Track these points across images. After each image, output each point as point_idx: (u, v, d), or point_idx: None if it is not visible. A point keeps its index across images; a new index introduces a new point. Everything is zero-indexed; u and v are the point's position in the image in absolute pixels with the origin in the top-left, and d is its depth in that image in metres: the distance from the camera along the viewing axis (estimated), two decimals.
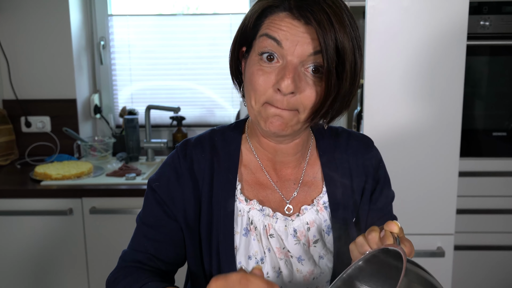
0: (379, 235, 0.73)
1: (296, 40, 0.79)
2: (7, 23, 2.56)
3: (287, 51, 0.80)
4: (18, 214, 2.14)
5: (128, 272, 0.93)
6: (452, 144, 1.69)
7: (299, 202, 0.95)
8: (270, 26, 0.81)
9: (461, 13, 1.60)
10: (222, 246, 0.91)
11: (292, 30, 0.80)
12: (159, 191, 0.95)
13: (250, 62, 0.85)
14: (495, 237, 2.25)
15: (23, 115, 2.65)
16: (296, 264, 0.93)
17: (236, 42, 0.90)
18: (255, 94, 0.83)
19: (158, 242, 0.95)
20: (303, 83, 0.81)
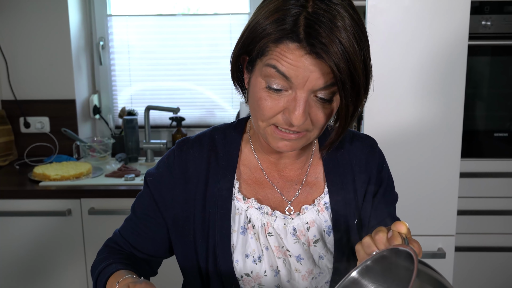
0: (387, 236, 0.72)
1: (307, 75, 0.76)
2: (6, 23, 2.56)
3: (297, 86, 0.77)
4: (17, 215, 2.13)
5: (108, 250, 1.01)
6: (453, 145, 1.68)
7: (300, 202, 0.94)
8: (279, 58, 0.76)
9: (462, 13, 1.59)
10: (219, 244, 0.91)
11: (302, 65, 0.75)
12: (151, 187, 0.97)
13: (256, 83, 0.82)
14: (496, 239, 2.24)
15: (22, 116, 2.64)
16: (295, 264, 0.92)
17: (239, 49, 0.86)
18: (263, 116, 0.82)
19: (139, 231, 0.99)
20: (312, 109, 0.80)
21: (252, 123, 0.97)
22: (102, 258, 0.97)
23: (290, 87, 0.78)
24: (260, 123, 0.83)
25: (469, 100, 2.19)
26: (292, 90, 0.78)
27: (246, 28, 0.83)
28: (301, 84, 0.77)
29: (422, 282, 0.59)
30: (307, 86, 0.77)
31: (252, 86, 0.83)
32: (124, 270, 0.90)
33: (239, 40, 0.86)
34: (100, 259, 0.98)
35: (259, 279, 0.92)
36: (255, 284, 0.92)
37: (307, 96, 0.78)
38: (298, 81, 0.76)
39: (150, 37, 2.82)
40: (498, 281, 2.30)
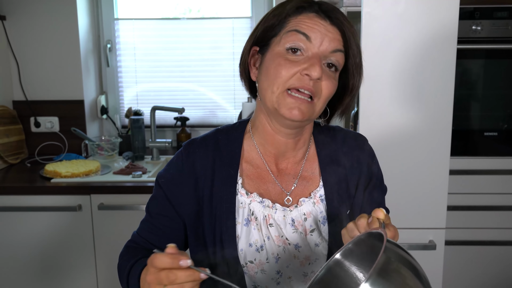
0: (367, 221, 0.82)
1: (323, 37, 0.92)
2: (18, 27, 2.66)
3: (315, 46, 0.92)
4: (29, 210, 2.23)
5: (131, 250, 1.07)
6: (443, 143, 1.77)
7: (298, 195, 1.04)
8: (300, 23, 0.93)
9: (451, 19, 1.69)
10: (225, 235, 1.00)
11: (320, 27, 0.92)
12: (164, 187, 1.05)
13: (274, 56, 0.95)
14: (486, 233, 2.34)
15: (33, 116, 2.74)
16: (294, 251, 1.02)
17: (253, 41, 1.00)
18: (280, 80, 0.93)
19: (157, 234, 1.06)
20: (324, 75, 0.93)
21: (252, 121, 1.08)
22: (130, 257, 1.02)
23: (308, 49, 0.92)
24: (275, 89, 0.93)
25: (461, 101, 2.29)
26: (309, 52, 0.92)
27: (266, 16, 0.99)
28: (318, 44, 0.92)
29: (390, 258, 0.68)
30: (322, 47, 0.92)
31: (267, 61, 0.96)
32: None
33: (253, 32, 1.00)
34: (127, 258, 1.03)
35: (261, 266, 1.01)
36: (258, 270, 1.01)
37: (321, 57, 0.92)
38: (316, 40, 0.92)
39: (155, 40, 2.92)
40: (488, 273, 2.40)
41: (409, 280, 0.68)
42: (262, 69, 0.97)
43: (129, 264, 0.98)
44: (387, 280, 0.65)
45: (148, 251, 1.05)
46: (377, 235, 0.77)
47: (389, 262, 0.68)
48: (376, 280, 0.65)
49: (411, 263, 0.71)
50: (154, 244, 1.07)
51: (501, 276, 2.39)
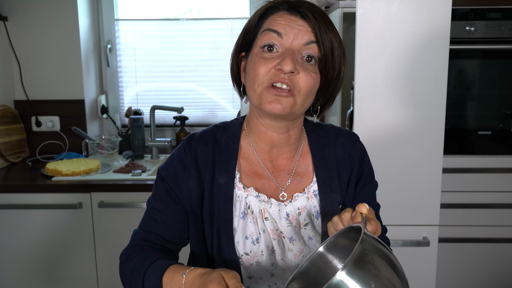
0: (351, 215, 0.86)
1: (294, 31, 0.95)
2: (19, 27, 2.69)
3: (286, 41, 0.95)
4: (31, 208, 2.27)
5: (139, 250, 1.04)
6: (436, 142, 1.81)
7: (292, 190, 1.08)
8: (271, 22, 0.97)
9: (444, 20, 1.73)
10: (223, 227, 1.03)
11: (290, 23, 0.96)
12: (167, 179, 1.07)
13: (252, 57, 0.99)
14: (480, 230, 2.37)
15: (34, 115, 2.78)
16: (288, 244, 1.05)
17: (238, 47, 1.05)
18: (258, 78, 0.96)
19: (165, 225, 1.07)
20: (300, 66, 0.96)
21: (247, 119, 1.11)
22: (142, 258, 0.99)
23: (281, 45, 0.96)
24: (257, 88, 0.97)
25: (456, 101, 2.32)
26: (282, 49, 0.96)
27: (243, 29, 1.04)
28: (290, 39, 0.95)
29: (366, 249, 0.72)
30: (295, 40, 0.95)
31: (249, 62, 1.01)
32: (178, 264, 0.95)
33: (238, 38, 1.05)
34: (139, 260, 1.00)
35: (256, 258, 1.05)
36: (253, 262, 1.05)
37: (295, 51, 0.95)
38: (288, 35, 0.95)
39: (155, 40, 2.96)
40: (483, 270, 2.43)
41: (384, 270, 0.72)
42: (246, 72, 1.02)
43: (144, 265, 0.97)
44: (363, 270, 0.70)
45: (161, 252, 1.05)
46: (358, 229, 0.81)
47: (365, 253, 0.72)
48: (352, 269, 0.69)
49: (387, 255, 0.75)
50: (165, 237, 1.06)
51: (495, 273, 2.42)
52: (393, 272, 0.73)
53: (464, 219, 2.35)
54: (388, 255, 0.75)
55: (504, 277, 2.43)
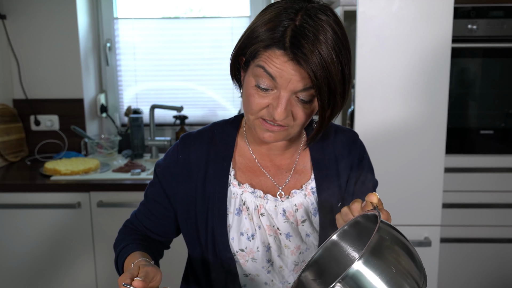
0: (361, 205, 0.85)
1: (289, 78, 0.88)
2: (18, 26, 2.68)
3: (281, 86, 0.90)
4: (29, 207, 2.26)
5: (126, 231, 1.14)
6: (438, 141, 1.79)
7: (290, 188, 1.07)
8: (267, 61, 0.89)
9: (446, 18, 1.71)
10: (217, 224, 1.03)
11: (285, 69, 0.87)
12: (159, 176, 1.10)
13: (248, 82, 0.95)
14: (482, 231, 2.36)
15: (33, 114, 2.76)
16: (284, 240, 1.04)
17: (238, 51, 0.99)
18: (251, 110, 0.95)
19: (150, 215, 1.12)
20: (294, 108, 0.93)
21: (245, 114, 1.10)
22: (122, 238, 1.10)
23: (275, 87, 0.91)
24: (250, 116, 0.96)
25: (458, 100, 2.31)
26: (277, 90, 0.91)
27: (245, 32, 0.96)
28: (284, 85, 0.89)
29: (383, 237, 0.71)
30: (289, 87, 0.90)
31: (245, 83, 0.97)
32: (138, 252, 1.03)
33: (238, 42, 0.99)
34: (120, 238, 1.11)
35: (252, 254, 1.04)
36: (249, 258, 1.04)
37: (289, 96, 0.91)
38: (282, 81, 0.89)
39: (154, 39, 2.94)
40: (484, 271, 2.42)
41: (401, 259, 0.70)
42: (243, 88, 0.99)
43: (120, 246, 1.06)
44: (380, 259, 0.68)
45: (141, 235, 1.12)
46: (372, 217, 0.79)
47: (382, 241, 0.70)
48: (369, 258, 0.67)
49: (404, 243, 0.73)
50: (148, 228, 1.13)
51: (496, 273, 2.41)
52: (410, 260, 0.72)
53: (466, 219, 2.34)
54: (405, 243, 0.74)
55: (506, 277, 2.41)
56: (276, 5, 0.93)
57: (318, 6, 0.91)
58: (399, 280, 0.69)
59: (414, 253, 0.74)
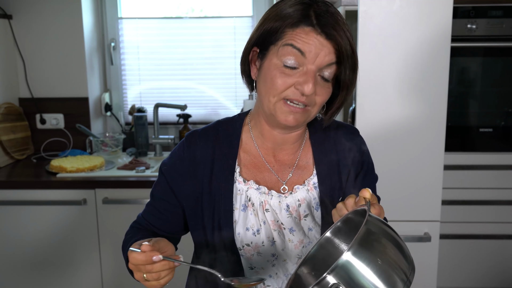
0: (355, 200, 0.89)
1: (317, 52, 0.95)
2: (24, 25, 2.72)
3: (309, 61, 0.95)
4: (36, 204, 2.30)
5: (133, 231, 1.16)
6: (437, 139, 1.82)
7: (293, 183, 1.10)
8: (296, 38, 0.95)
9: (445, 17, 1.74)
10: (223, 220, 1.06)
11: (315, 42, 0.94)
12: (166, 174, 1.12)
13: (270, 65, 0.99)
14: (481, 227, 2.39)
15: (38, 113, 2.80)
16: (288, 235, 1.08)
17: (252, 42, 1.03)
18: (275, 91, 0.98)
19: (158, 213, 1.14)
20: (318, 86, 0.98)
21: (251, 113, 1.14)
22: (130, 237, 1.11)
23: (303, 63, 0.96)
24: (272, 98, 0.99)
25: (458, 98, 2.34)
26: (303, 67, 0.96)
27: (260, 25, 1.01)
28: (313, 59, 0.95)
29: (370, 230, 0.75)
30: (316, 62, 0.95)
31: (265, 69, 1.00)
32: None
33: (251, 36, 1.04)
34: (128, 238, 1.12)
35: (257, 249, 1.07)
36: (254, 253, 1.07)
37: (316, 71, 0.96)
38: (311, 55, 0.95)
39: (158, 39, 2.98)
40: (484, 266, 2.45)
41: (389, 250, 0.74)
42: (261, 75, 1.02)
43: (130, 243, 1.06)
44: (368, 250, 0.72)
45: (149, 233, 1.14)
46: (363, 212, 0.83)
47: (370, 234, 0.74)
48: (357, 249, 0.71)
49: (392, 236, 0.77)
50: (154, 225, 1.14)
51: (496, 269, 2.44)
52: (398, 252, 0.75)
53: (466, 215, 2.37)
54: (393, 235, 0.77)
55: (505, 273, 2.44)
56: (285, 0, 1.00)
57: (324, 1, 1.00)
58: (387, 270, 0.72)
59: (402, 245, 0.78)
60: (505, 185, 2.33)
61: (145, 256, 0.86)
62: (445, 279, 2.44)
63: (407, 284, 0.74)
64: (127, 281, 2.36)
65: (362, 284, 0.71)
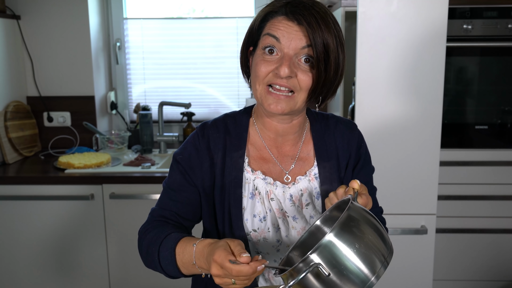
0: (345, 190, 0.97)
1: (291, 37, 1.03)
2: (32, 26, 2.79)
3: (284, 45, 1.04)
4: (45, 199, 2.37)
5: (156, 225, 1.14)
6: (433, 135, 1.89)
7: (295, 174, 1.17)
8: (271, 27, 1.05)
9: (441, 18, 1.81)
10: (233, 206, 1.14)
11: (287, 29, 1.03)
12: (182, 163, 1.18)
13: (256, 56, 1.09)
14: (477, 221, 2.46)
15: (46, 111, 2.87)
16: (291, 222, 1.15)
17: (245, 43, 1.14)
18: (259, 79, 1.07)
19: (180, 203, 1.17)
20: (297, 69, 1.05)
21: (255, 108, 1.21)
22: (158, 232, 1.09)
23: (280, 49, 1.04)
24: (258, 87, 1.08)
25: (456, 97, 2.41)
26: (281, 53, 1.04)
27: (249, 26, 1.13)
28: (287, 43, 1.04)
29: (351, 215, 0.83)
30: (291, 46, 1.03)
31: (253, 61, 1.10)
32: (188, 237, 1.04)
33: (244, 37, 1.14)
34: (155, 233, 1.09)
35: (263, 234, 1.15)
36: (261, 238, 1.15)
37: (292, 55, 1.04)
38: (285, 40, 1.03)
39: (162, 39, 3.04)
40: (480, 260, 2.51)
41: (368, 234, 0.83)
42: (252, 69, 1.12)
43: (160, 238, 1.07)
44: (348, 233, 0.81)
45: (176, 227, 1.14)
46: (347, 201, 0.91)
47: (352, 219, 0.83)
48: (339, 231, 0.80)
49: (372, 222, 0.85)
50: (180, 214, 1.16)
51: (492, 262, 2.51)
52: (378, 238, 0.83)
53: (462, 210, 2.44)
54: (374, 222, 0.85)
55: (500, 266, 2.51)
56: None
57: None
58: (366, 251, 0.80)
59: (382, 231, 0.86)
60: (500, 180, 2.40)
61: (252, 268, 0.85)
62: (442, 272, 2.51)
63: (385, 264, 0.82)
64: (133, 274, 2.43)
65: (343, 262, 0.79)
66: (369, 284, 0.80)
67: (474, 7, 2.25)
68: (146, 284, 2.45)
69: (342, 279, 0.79)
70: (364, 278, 0.79)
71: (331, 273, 0.78)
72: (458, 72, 2.38)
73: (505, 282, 2.52)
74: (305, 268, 0.79)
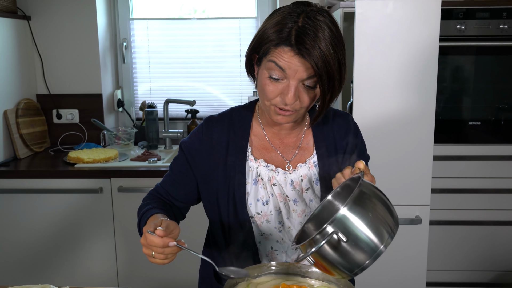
0: (351, 170, 1.06)
1: (296, 69, 1.09)
2: (42, 26, 2.89)
3: (289, 75, 1.10)
4: (55, 192, 2.46)
5: (150, 197, 1.32)
6: (427, 130, 1.99)
7: (296, 162, 1.27)
8: (277, 56, 1.09)
9: (434, 19, 1.91)
10: (237, 192, 1.24)
11: (293, 61, 1.08)
12: (186, 151, 1.29)
13: (262, 74, 1.15)
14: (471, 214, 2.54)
15: (55, 108, 2.97)
16: (292, 206, 1.25)
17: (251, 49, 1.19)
18: (267, 97, 1.15)
19: (175, 184, 1.30)
20: (301, 94, 1.13)
21: (260, 103, 1.31)
22: (147, 203, 1.28)
23: (285, 77, 1.11)
24: (266, 102, 1.17)
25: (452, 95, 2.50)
26: (286, 80, 1.11)
27: (256, 34, 1.18)
28: (292, 75, 1.10)
29: (363, 191, 0.92)
30: (296, 76, 1.10)
31: (259, 76, 1.18)
32: (160, 214, 1.20)
33: (251, 43, 1.20)
34: (145, 203, 1.29)
35: (266, 217, 1.25)
36: (264, 220, 1.25)
37: (296, 84, 1.11)
38: (290, 72, 1.10)
39: (167, 39, 3.14)
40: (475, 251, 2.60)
41: (378, 208, 0.91)
42: (258, 79, 1.19)
43: (144, 209, 1.23)
44: (360, 206, 0.89)
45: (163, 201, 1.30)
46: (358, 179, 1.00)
47: (363, 194, 0.92)
48: (352, 205, 0.89)
49: (380, 197, 0.94)
50: (172, 195, 1.31)
51: (485, 253, 2.60)
52: (386, 211, 0.92)
53: (456, 203, 2.52)
54: (382, 197, 0.94)
55: (494, 257, 2.60)
56: (281, 10, 1.14)
57: (316, 9, 1.12)
58: (376, 223, 0.90)
59: (389, 205, 0.95)
60: (493, 174, 2.49)
61: (162, 241, 1.00)
62: (437, 263, 2.60)
63: (391, 235, 0.91)
64: (141, 264, 2.52)
65: (355, 233, 0.89)
66: (378, 252, 0.89)
67: (467, 8, 2.34)
68: (153, 275, 2.55)
69: (355, 248, 0.89)
70: (374, 247, 0.89)
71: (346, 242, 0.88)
72: (453, 71, 2.47)
73: (498, 272, 2.61)
74: (322, 238, 0.88)
